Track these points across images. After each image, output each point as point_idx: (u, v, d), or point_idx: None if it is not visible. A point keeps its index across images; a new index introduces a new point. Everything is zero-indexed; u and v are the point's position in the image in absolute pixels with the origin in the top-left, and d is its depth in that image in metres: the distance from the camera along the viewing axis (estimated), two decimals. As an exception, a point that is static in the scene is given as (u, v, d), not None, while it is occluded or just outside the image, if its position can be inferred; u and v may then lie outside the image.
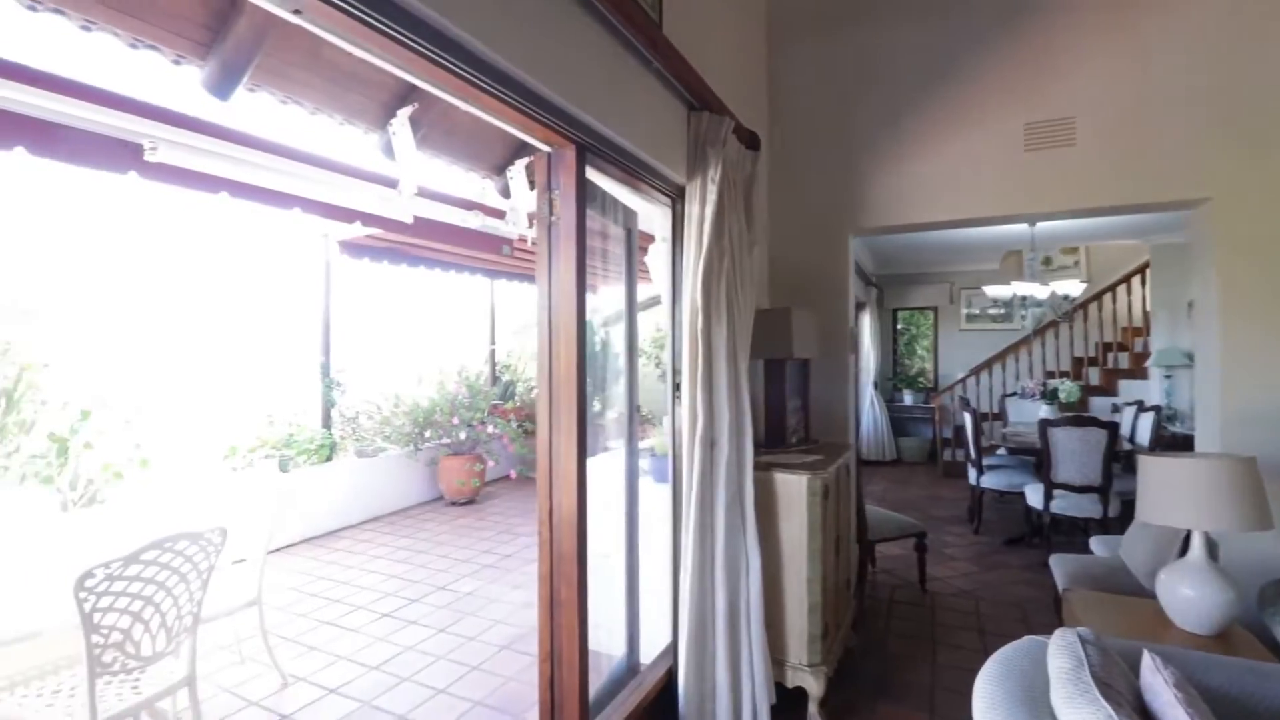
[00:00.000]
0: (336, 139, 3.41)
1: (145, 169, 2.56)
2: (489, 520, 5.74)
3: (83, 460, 4.19)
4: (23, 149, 2.26)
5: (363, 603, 3.86)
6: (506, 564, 4.56)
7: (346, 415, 6.45)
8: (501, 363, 8.51)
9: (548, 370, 1.91)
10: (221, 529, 2.14)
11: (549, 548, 1.89)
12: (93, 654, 1.88)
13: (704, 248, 2.34)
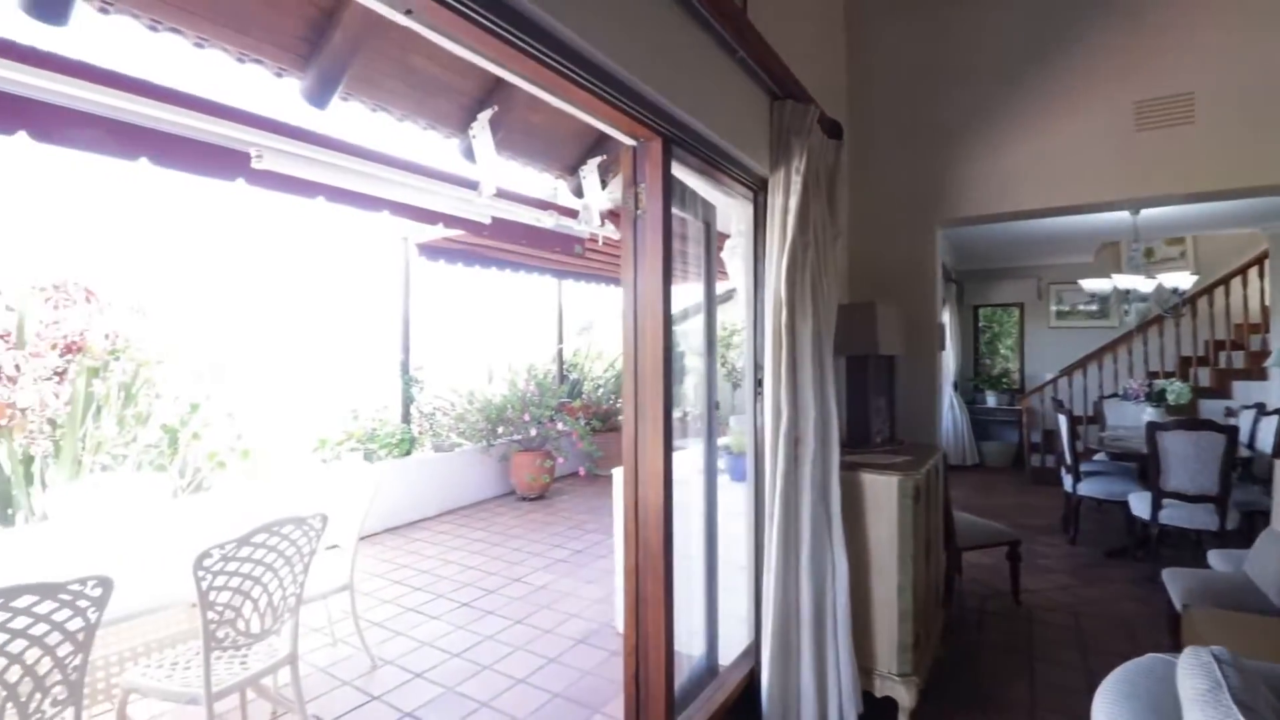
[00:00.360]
0: (421, 144, 3.54)
1: (252, 176, 2.73)
2: (559, 516, 5.83)
3: (191, 450, 4.52)
4: (146, 159, 2.45)
5: (443, 591, 3.99)
6: (578, 559, 4.60)
7: (424, 411, 6.70)
8: (568, 361, 8.63)
9: (633, 364, 1.90)
10: (322, 515, 2.25)
11: (634, 542, 1.88)
12: (208, 629, 2.01)
13: (788, 240, 2.28)
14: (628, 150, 1.96)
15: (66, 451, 3.86)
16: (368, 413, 6.06)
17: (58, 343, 4.06)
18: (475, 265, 7.11)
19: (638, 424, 1.88)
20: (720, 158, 2.16)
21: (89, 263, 4.31)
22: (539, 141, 4.01)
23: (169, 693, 2.05)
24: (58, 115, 2.17)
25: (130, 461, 4.08)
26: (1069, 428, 4.88)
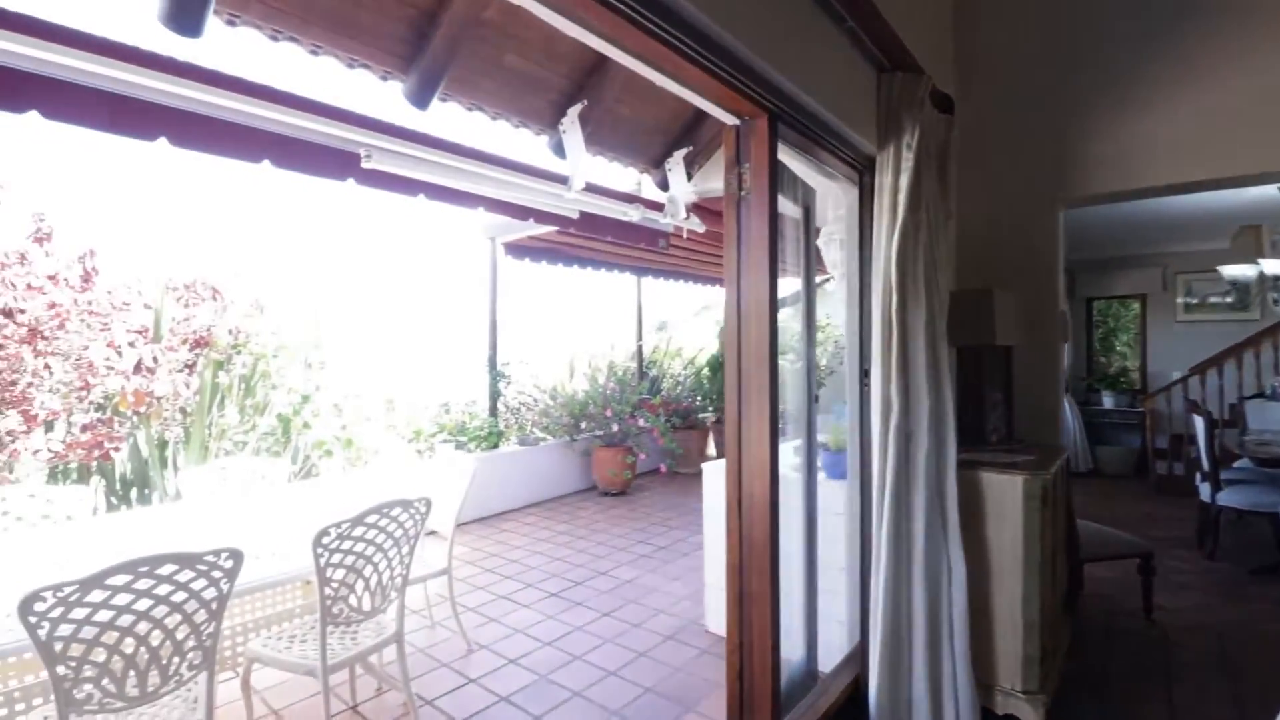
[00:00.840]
0: (513, 141, 3.62)
1: (361, 176, 2.85)
2: (640, 511, 5.82)
3: (301, 438, 4.83)
4: (269, 161, 2.60)
5: (531, 581, 4.06)
6: (662, 555, 4.57)
7: (510, 405, 6.87)
8: (647, 358, 8.63)
9: (736, 353, 1.83)
10: (426, 499, 2.32)
11: (738, 537, 1.81)
12: (324, 604, 2.11)
13: (898, 221, 2.14)
14: (730, 130, 1.89)
15: (195, 437, 4.20)
16: (458, 406, 6.28)
17: (188, 338, 4.44)
18: (558, 263, 7.24)
19: (741, 416, 1.81)
20: (826, 135, 2.05)
21: (215, 262, 4.68)
22: (625, 135, 4.01)
23: (288, 663, 2.17)
24: (192, 121, 2.34)
25: (249, 448, 4.40)
26: (1207, 431, 4.38)
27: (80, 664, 1.57)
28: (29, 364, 3.46)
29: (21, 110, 2.00)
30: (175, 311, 4.56)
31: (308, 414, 4.56)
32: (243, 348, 4.57)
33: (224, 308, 4.62)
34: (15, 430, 3.40)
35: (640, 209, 4.01)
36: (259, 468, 3.34)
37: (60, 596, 1.50)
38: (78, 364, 3.65)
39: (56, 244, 3.96)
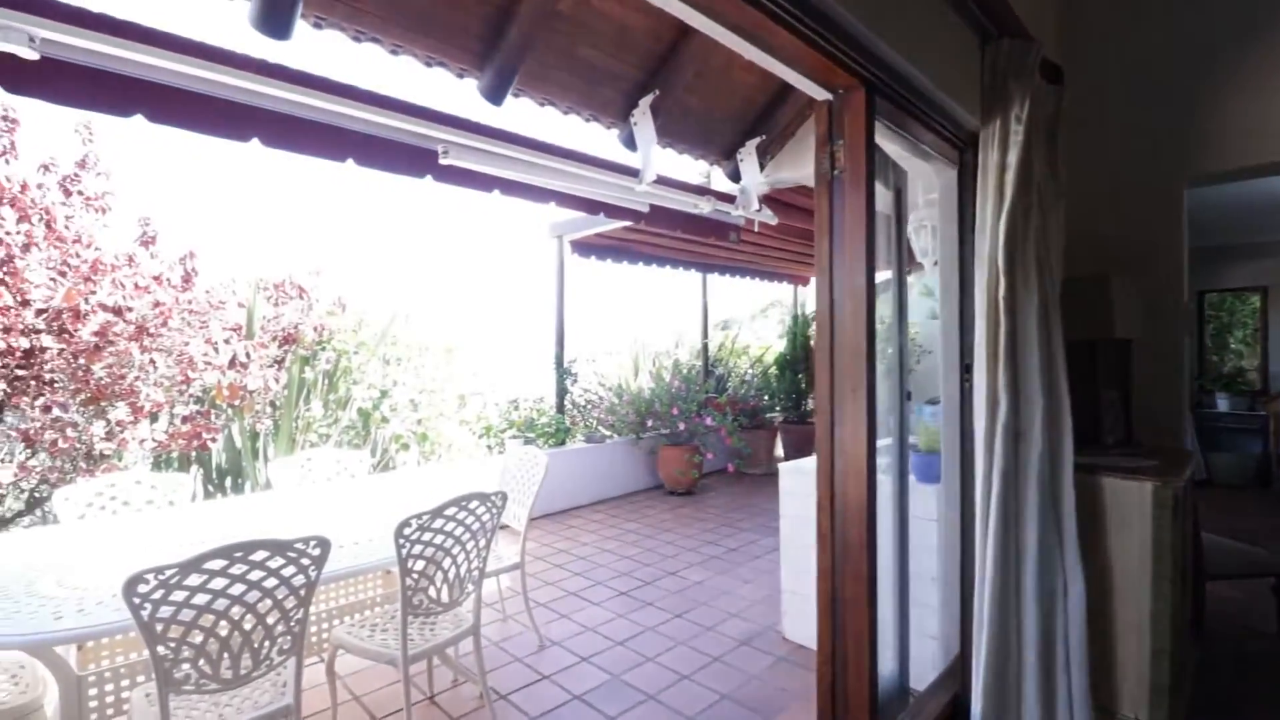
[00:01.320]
0: (584, 136, 3.60)
1: (438, 172, 2.89)
2: (708, 512, 5.70)
3: (380, 432, 4.98)
4: (353, 160, 2.66)
5: (601, 579, 4.02)
6: (732, 557, 4.44)
7: (577, 403, 6.90)
8: (713, 356, 8.49)
9: (829, 346, 1.71)
10: (503, 494, 2.30)
11: (830, 539, 1.69)
12: (405, 595, 2.12)
13: (1006, 202, 1.95)
14: (821, 106, 1.77)
15: (284, 429, 4.40)
16: (526, 403, 6.36)
17: (277, 335, 4.66)
18: (624, 261, 7.22)
19: (834, 411, 1.69)
20: (926, 108, 1.90)
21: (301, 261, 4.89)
22: (696, 126, 3.92)
23: (371, 652, 2.19)
24: (282, 122, 2.41)
25: (331, 440, 4.57)
26: (1355, 437, 3.88)
27: (179, 645, 1.62)
28: (136, 359, 3.70)
29: (129, 114, 2.11)
30: (265, 310, 4.79)
31: (385, 409, 4.70)
32: (326, 344, 4.76)
33: (309, 306, 4.83)
34: (124, 421, 3.64)
35: (711, 201, 3.90)
36: (341, 459, 3.45)
37: (161, 579, 1.55)
38: (179, 359, 3.88)
39: (160, 246, 4.23)
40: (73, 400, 3.58)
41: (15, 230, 3.33)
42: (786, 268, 8.57)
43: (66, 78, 1.95)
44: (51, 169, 3.63)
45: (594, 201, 3.55)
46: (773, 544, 4.72)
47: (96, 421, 3.62)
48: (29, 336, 3.36)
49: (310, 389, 4.75)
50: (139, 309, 3.70)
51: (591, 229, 6.07)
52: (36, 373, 3.55)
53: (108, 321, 3.56)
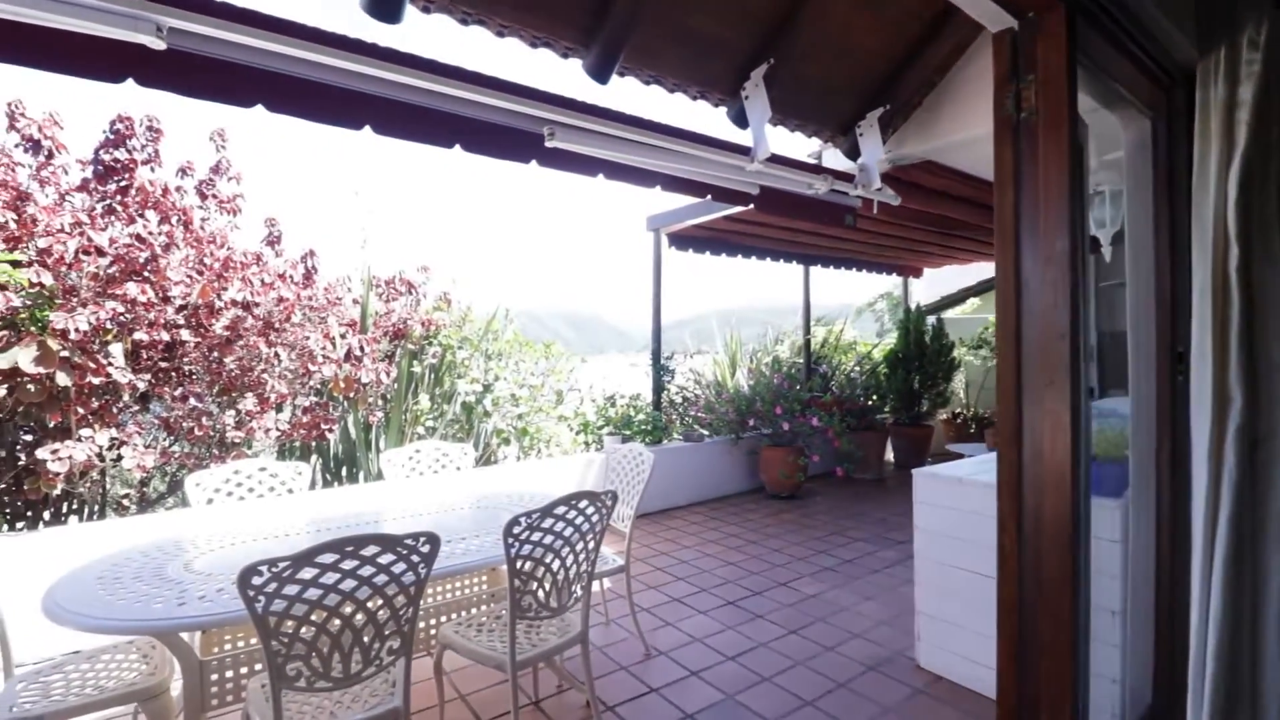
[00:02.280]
0: (691, 115, 3.39)
1: (544, 157, 2.78)
2: (815, 518, 5.34)
3: (482, 425, 5.01)
4: (460, 146, 2.60)
5: (706, 585, 3.81)
6: (849, 570, 4.09)
7: (674, 400, 6.72)
8: (815, 352, 8.04)
9: (1013, 325, 1.40)
10: (613, 493, 2.14)
11: (1016, 567, 1.38)
12: (514, 597, 2.00)
13: (1239, 147, 1.55)
14: (1001, 37, 1.46)
15: (394, 422, 4.50)
16: (622, 399, 6.25)
17: (388, 330, 4.79)
18: (721, 253, 6.95)
19: (1022, 408, 1.38)
20: (1134, 35, 1.54)
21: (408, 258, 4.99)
22: (811, 98, 3.61)
23: (479, 654, 2.09)
24: (393, 109, 2.38)
25: (437, 434, 4.63)
26: None
27: (292, 640, 1.56)
28: (263, 353, 3.89)
29: (249, 104, 2.13)
30: (376, 305, 4.95)
31: (488, 403, 4.72)
32: (433, 339, 4.85)
33: (417, 301, 4.94)
34: (252, 411, 3.83)
35: (828, 180, 3.58)
36: (448, 452, 3.43)
37: (274, 572, 1.49)
38: (300, 353, 4.04)
39: (284, 245, 4.45)
40: (207, 391, 3.80)
41: (158, 231, 3.57)
42: (897, 257, 7.98)
43: (193, 69, 1.97)
44: (189, 173, 3.89)
45: (701, 184, 3.34)
46: (892, 556, 4.31)
47: (228, 411, 3.82)
48: (170, 331, 3.59)
49: (418, 383, 4.85)
50: (265, 305, 3.87)
51: (690, 220, 5.87)
52: (176, 365, 3.80)
53: (238, 316, 3.75)
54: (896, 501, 5.91)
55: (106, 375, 3.21)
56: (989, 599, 2.40)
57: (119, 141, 3.61)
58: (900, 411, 7.67)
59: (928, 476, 2.77)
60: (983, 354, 8.13)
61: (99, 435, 3.34)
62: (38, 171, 3.40)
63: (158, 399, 3.71)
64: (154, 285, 3.48)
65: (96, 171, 3.59)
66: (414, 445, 3.34)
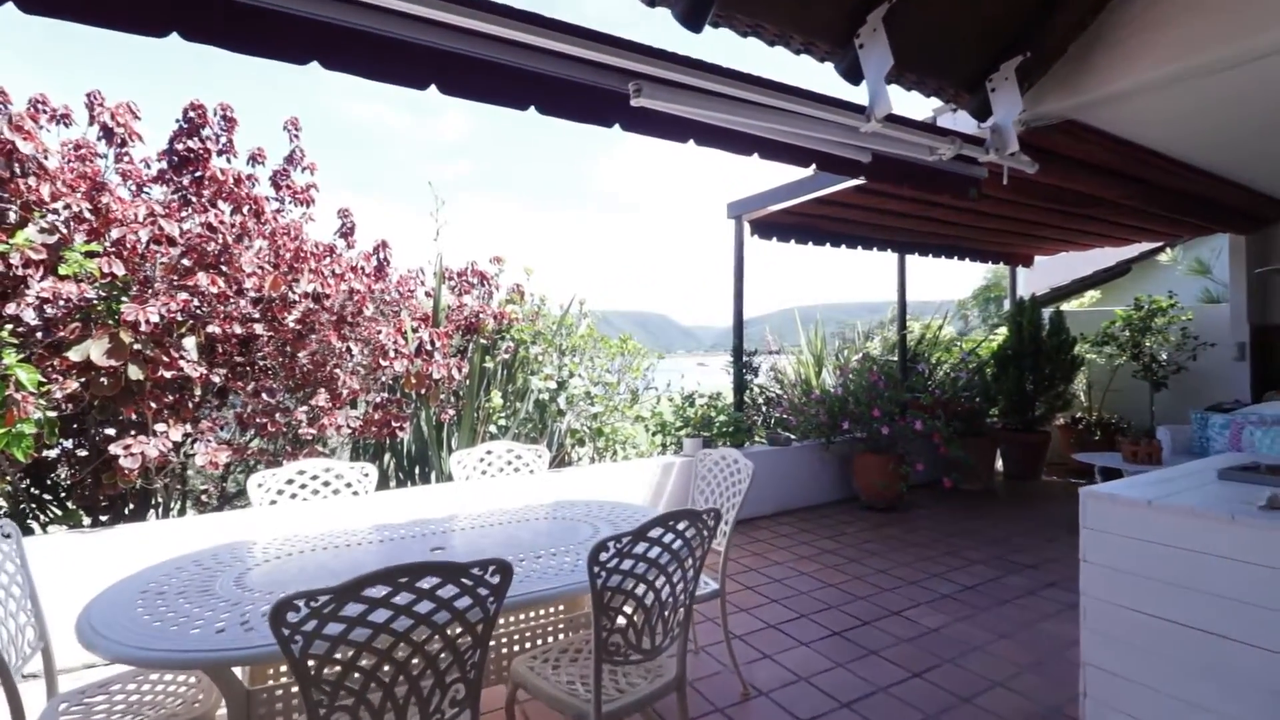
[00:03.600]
0: (792, 71, 2.97)
1: (628, 119, 2.43)
2: (921, 535, 4.76)
3: (556, 424, 4.74)
4: (534, 107, 2.29)
5: (804, 610, 3.36)
6: (971, 599, 3.53)
7: (757, 400, 6.27)
8: (911, 349, 7.36)
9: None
10: (715, 511, 1.76)
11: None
12: (600, 636, 1.65)
13: None
14: None
15: (466, 420, 4.29)
16: (701, 398, 5.86)
17: (460, 324, 4.60)
18: (809, 241, 6.42)
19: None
20: None
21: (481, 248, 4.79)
22: (934, 46, 3.09)
23: (557, 699, 1.76)
24: (460, 65, 2.09)
25: (510, 433, 4.39)
26: None
27: (336, 688, 1.27)
28: (336, 347, 3.75)
29: (304, 61, 1.89)
30: (449, 299, 4.77)
31: (562, 401, 4.44)
32: (506, 333, 4.62)
33: (489, 294, 4.73)
34: (324, 406, 3.70)
35: (955, 144, 3.06)
36: (521, 454, 3.16)
37: (314, 607, 1.20)
38: (372, 348, 3.89)
39: (357, 237, 4.32)
40: (281, 386, 3.69)
41: (231, 222, 3.48)
42: (1006, 242, 7.17)
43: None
44: (260, 161, 3.79)
45: (806, 150, 2.90)
46: (1021, 584, 3.71)
47: (301, 407, 3.70)
48: (245, 324, 3.49)
49: (490, 379, 4.64)
50: (336, 298, 3.73)
51: (776, 204, 5.40)
52: (251, 359, 3.71)
53: (310, 309, 3.62)
54: (1014, 517, 5.23)
55: (179, 369, 3.12)
56: (1203, 661, 1.86)
57: (193, 130, 3.55)
58: (1011, 415, 6.88)
59: (1102, 498, 2.23)
60: (1108, 351, 7.19)
61: (173, 430, 3.26)
62: (116, 162, 3.37)
63: (234, 393, 3.62)
64: (226, 277, 3.38)
65: (171, 162, 3.54)
66: (485, 446, 3.07)
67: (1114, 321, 7.28)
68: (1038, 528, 4.93)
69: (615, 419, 5.11)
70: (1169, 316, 6.89)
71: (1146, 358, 6.88)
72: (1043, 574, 3.90)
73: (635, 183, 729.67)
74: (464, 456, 3.02)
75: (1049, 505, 5.70)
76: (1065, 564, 4.06)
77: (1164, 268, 10.02)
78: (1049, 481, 6.72)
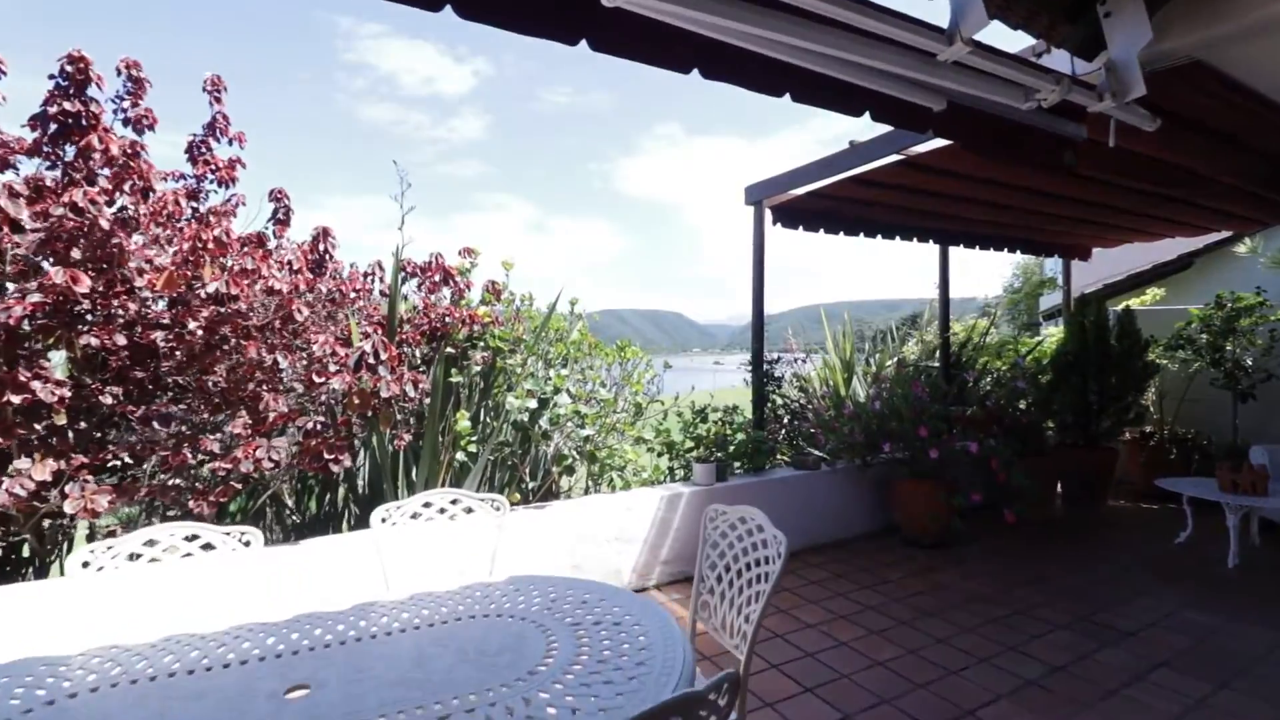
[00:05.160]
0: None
1: (597, 30, 1.64)
2: (982, 585, 3.92)
3: (540, 450, 3.98)
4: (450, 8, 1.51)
5: (854, 708, 2.55)
6: (1065, 687, 2.70)
7: (779, 410, 5.45)
8: (954, 353, 6.48)
9: None
10: (730, 681, 0.97)
11: None
12: None
13: None
14: None
15: (429, 446, 3.53)
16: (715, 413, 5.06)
17: (425, 329, 3.84)
18: (840, 230, 5.59)
19: None
20: None
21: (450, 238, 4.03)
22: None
23: None
24: None
25: (481, 460, 3.62)
26: None
27: None
28: (255, 360, 3.01)
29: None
30: (415, 300, 4.03)
31: (545, 421, 3.67)
32: (478, 341, 3.87)
33: (459, 294, 3.99)
34: (243, 434, 2.96)
35: (1064, 85, 2.22)
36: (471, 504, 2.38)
37: None
38: (307, 360, 3.15)
39: (296, 227, 3.58)
40: (183, 411, 2.96)
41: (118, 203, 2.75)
42: (1065, 232, 6.26)
43: None
44: (148, 126, 3.04)
45: (857, 90, 2.09)
46: (1124, 663, 2.88)
47: (210, 437, 2.96)
48: (137, 332, 2.76)
49: (461, 395, 3.89)
50: (253, 300, 2.99)
51: (802, 186, 4.59)
52: (155, 376, 2.99)
53: (220, 314, 2.88)
54: (1087, 558, 4.36)
55: (29, 391, 2.39)
56: None
57: (74, 90, 2.82)
58: (1069, 430, 5.99)
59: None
60: (1182, 356, 6.27)
61: (37, 469, 2.54)
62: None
63: (125, 419, 2.90)
64: (106, 273, 2.64)
65: (48, 130, 2.82)
66: (422, 496, 2.31)
67: (1189, 322, 6.36)
68: (1120, 574, 4.07)
69: (613, 439, 4.33)
70: (1256, 316, 5.95)
71: (1229, 364, 5.95)
72: (1147, 647, 3.06)
73: (654, 182, 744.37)
74: (391, 510, 2.26)
75: (1125, 541, 4.82)
76: (1171, 630, 3.22)
77: (1234, 261, 9.00)
78: (1116, 507, 5.83)
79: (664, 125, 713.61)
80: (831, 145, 22.20)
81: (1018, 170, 4.12)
